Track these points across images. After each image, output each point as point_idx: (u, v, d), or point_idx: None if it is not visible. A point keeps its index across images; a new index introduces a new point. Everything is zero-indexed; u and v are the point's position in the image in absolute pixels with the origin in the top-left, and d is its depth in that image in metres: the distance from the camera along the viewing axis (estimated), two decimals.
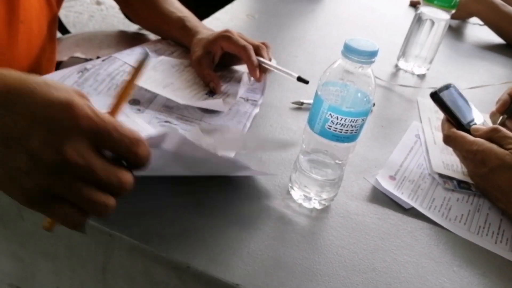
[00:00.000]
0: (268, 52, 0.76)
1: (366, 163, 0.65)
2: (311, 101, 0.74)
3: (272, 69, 0.74)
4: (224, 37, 0.72)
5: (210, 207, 0.53)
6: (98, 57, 1.04)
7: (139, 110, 0.66)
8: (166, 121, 0.65)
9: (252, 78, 0.75)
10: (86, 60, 0.99)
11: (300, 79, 0.72)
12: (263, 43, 0.76)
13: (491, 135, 0.60)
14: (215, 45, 0.73)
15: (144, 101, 0.68)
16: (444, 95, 0.65)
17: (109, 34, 1.34)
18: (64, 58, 1.08)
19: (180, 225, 0.50)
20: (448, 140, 0.63)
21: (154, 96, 0.69)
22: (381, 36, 1.08)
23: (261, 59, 0.73)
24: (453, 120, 0.64)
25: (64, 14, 2.64)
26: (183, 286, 0.47)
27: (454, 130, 0.63)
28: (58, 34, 1.41)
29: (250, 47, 0.72)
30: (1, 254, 0.58)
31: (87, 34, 1.39)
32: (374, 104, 0.77)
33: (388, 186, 0.60)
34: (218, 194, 0.55)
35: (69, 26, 1.62)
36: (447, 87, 0.66)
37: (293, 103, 0.73)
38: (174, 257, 0.46)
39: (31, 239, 0.54)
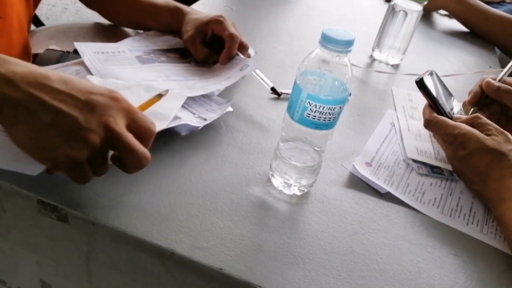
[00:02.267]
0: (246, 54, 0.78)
1: (343, 151, 0.67)
2: (288, 91, 0.76)
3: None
4: (217, 21, 0.74)
5: (192, 195, 0.54)
6: (74, 50, 1.03)
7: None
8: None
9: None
10: (63, 52, 0.98)
11: (273, 90, 0.74)
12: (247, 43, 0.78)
13: (472, 121, 0.63)
14: (208, 26, 0.75)
15: None
16: (428, 82, 0.67)
17: (84, 26, 1.32)
18: (40, 50, 1.06)
19: (163, 213, 0.50)
20: (429, 124, 0.66)
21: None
22: (356, 27, 1.11)
23: (240, 55, 0.75)
24: (435, 107, 0.66)
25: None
26: (167, 272, 0.48)
27: (435, 115, 0.65)
28: (32, 27, 1.39)
29: (237, 39, 0.73)
30: None
31: (61, 27, 1.37)
32: (350, 94, 0.78)
33: (365, 172, 0.62)
34: (200, 181, 0.56)
35: (42, 19, 1.59)
36: (430, 73, 0.69)
37: (271, 93, 0.75)
38: (158, 244, 0.47)
39: (13, 230, 0.54)
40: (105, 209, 0.49)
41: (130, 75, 0.67)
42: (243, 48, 0.75)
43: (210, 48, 0.77)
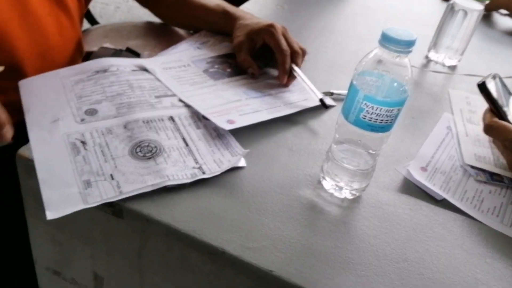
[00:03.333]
0: (302, 59, 0.76)
1: (397, 154, 0.65)
2: (341, 91, 0.75)
3: (300, 80, 0.73)
4: (268, 32, 0.73)
5: (243, 194, 0.54)
6: (127, 48, 1.06)
7: None
8: None
9: None
10: (116, 50, 1.01)
11: (322, 102, 0.69)
12: (302, 49, 0.76)
13: None
14: (258, 35, 0.74)
15: None
16: (491, 86, 0.64)
17: (137, 24, 1.36)
18: (94, 48, 1.10)
19: (214, 211, 0.51)
20: (490, 129, 0.62)
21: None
22: (411, 27, 1.06)
23: (294, 67, 0.73)
24: (497, 112, 0.63)
25: (91, 5, 2.67)
26: (217, 271, 0.48)
27: (497, 120, 0.62)
28: (87, 25, 1.44)
29: (288, 53, 0.72)
30: (41, 238, 0.60)
31: (115, 25, 1.41)
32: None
33: (420, 177, 0.60)
34: (250, 181, 0.56)
35: (96, 17, 1.64)
36: (494, 77, 0.65)
37: (324, 93, 0.73)
38: (209, 242, 0.47)
39: (69, 224, 0.56)
40: (159, 206, 0.50)
41: (214, 99, 0.67)
42: (296, 56, 0.74)
43: (260, 54, 0.77)
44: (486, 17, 1.20)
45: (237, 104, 0.67)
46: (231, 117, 0.63)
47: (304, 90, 0.73)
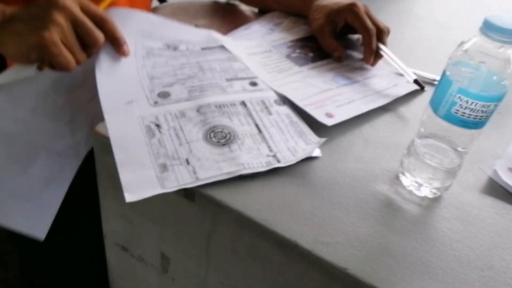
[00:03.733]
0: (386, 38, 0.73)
1: (482, 152, 0.60)
2: (426, 74, 0.71)
3: (388, 60, 0.70)
4: (351, 11, 0.70)
5: (316, 186, 0.52)
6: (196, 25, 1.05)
7: None
8: None
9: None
10: None
11: (417, 82, 0.67)
12: (386, 28, 0.73)
13: None
14: (339, 16, 0.71)
15: None
16: None
17: (204, 4, 1.35)
18: None
19: (287, 202, 0.49)
20: None
21: None
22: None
23: (381, 46, 0.70)
24: None
25: None
26: (288, 263, 0.47)
27: None
28: (156, 3, 1.45)
29: (374, 32, 0.69)
30: (112, 215, 0.61)
31: (183, 4, 1.41)
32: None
33: (508, 179, 0.55)
34: (324, 172, 0.53)
35: None
36: None
37: (414, 85, 0.69)
38: (281, 233, 0.46)
39: (141, 203, 0.56)
40: (232, 192, 0.49)
41: (306, 87, 0.65)
42: (382, 34, 0.71)
43: (340, 35, 0.74)
44: None
45: (330, 93, 0.65)
46: (329, 110, 0.61)
47: (391, 75, 0.70)
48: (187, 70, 0.64)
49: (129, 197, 0.46)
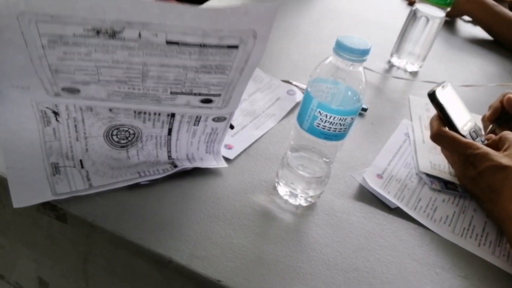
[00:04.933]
0: None
1: (354, 161, 0.65)
2: (302, 85, 0.74)
3: None
4: None
5: (194, 200, 0.52)
6: None
7: None
8: None
9: None
10: None
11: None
12: None
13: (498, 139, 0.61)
14: None
15: None
16: (442, 95, 0.63)
17: None
18: None
19: (163, 217, 0.49)
20: (438, 138, 0.62)
21: None
22: (375, 31, 1.08)
23: None
24: (447, 121, 0.63)
25: None
26: (164, 280, 0.47)
27: (446, 129, 0.62)
28: None
29: None
30: None
31: None
32: (366, 110, 0.76)
33: (375, 185, 0.60)
34: (203, 187, 0.54)
35: None
36: (443, 86, 0.65)
37: (283, 81, 0.71)
38: (156, 251, 0.46)
39: (12, 226, 0.53)
40: (104, 211, 0.48)
41: None
42: None
43: None
44: (449, 24, 1.22)
45: None
46: (226, 141, 0.61)
47: (272, 86, 0.71)
48: (120, 72, 0.44)
49: (17, 202, 0.43)
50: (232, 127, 0.62)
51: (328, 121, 0.47)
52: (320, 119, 0.47)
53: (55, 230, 0.50)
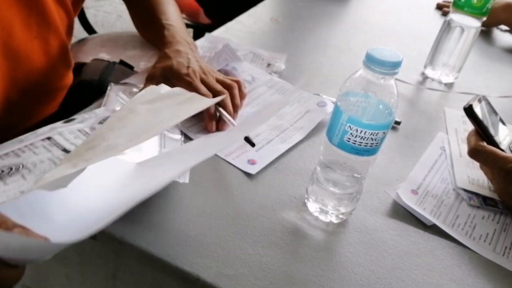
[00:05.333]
0: (235, 94, 0.68)
1: (388, 176, 0.63)
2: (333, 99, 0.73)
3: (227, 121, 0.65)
4: (185, 81, 0.65)
5: (223, 217, 0.52)
6: (121, 61, 1.04)
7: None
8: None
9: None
10: (109, 62, 0.99)
11: (247, 139, 0.61)
12: (231, 84, 0.68)
13: None
14: (174, 84, 0.65)
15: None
16: (478, 109, 0.61)
17: (134, 34, 1.35)
18: (90, 58, 1.09)
19: (191, 234, 0.49)
20: (476, 154, 0.60)
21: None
22: (408, 42, 1.05)
23: (221, 110, 0.65)
24: (484, 135, 0.60)
25: (93, 13, 2.68)
26: None
27: (484, 144, 0.59)
28: (85, 34, 1.43)
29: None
30: None
31: (112, 35, 1.40)
32: (399, 123, 0.74)
33: (410, 201, 0.58)
34: (232, 202, 0.54)
35: (97, 26, 1.64)
36: (480, 100, 0.63)
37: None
38: (184, 268, 0.45)
39: None
40: (133, 228, 0.48)
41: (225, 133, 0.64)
42: (225, 98, 0.65)
43: None
44: (486, 33, 1.18)
45: None
46: (250, 156, 0.61)
47: (301, 99, 0.71)
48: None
49: None
50: (253, 145, 0.61)
51: (359, 136, 0.46)
52: (351, 133, 0.46)
53: (85, 247, 0.50)
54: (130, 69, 1.04)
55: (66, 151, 0.50)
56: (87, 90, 0.91)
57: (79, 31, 1.25)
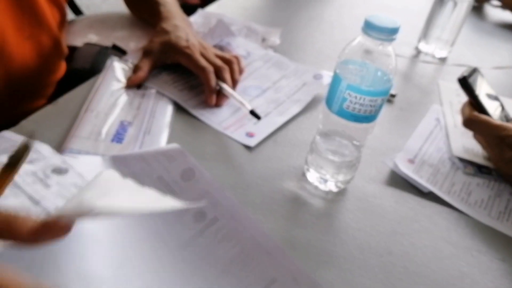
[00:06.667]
0: (235, 69, 0.68)
1: (384, 146, 0.64)
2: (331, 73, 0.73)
3: (229, 95, 0.65)
4: (185, 54, 0.65)
5: (225, 188, 0.52)
6: (114, 45, 1.02)
7: None
8: None
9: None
10: (101, 47, 0.97)
11: (252, 113, 0.62)
12: (231, 59, 0.68)
13: None
14: (173, 58, 0.66)
15: None
16: (472, 80, 0.62)
17: (123, 15, 1.33)
18: (79, 39, 1.07)
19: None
20: (471, 123, 0.61)
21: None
22: (401, 17, 1.05)
23: (222, 84, 0.65)
24: (477, 106, 0.61)
25: None
26: None
27: (477, 113, 0.60)
28: (72, 15, 1.41)
29: (210, 70, 0.64)
30: None
31: (100, 16, 1.38)
32: (395, 96, 0.74)
33: (407, 170, 0.59)
34: (232, 172, 0.54)
35: (82, 8, 1.61)
36: (473, 71, 0.64)
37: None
38: None
39: None
40: None
41: (221, 108, 0.64)
42: (222, 71, 0.65)
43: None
44: (478, 9, 1.19)
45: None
46: (248, 129, 0.61)
47: (297, 72, 0.72)
48: None
49: None
50: (259, 117, 0.61)
51: (358, 103, 0.46)
52: (350, 100, 0.46)
53: None
54: (123, 54, 1.03)
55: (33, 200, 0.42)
56: (77, 80, 0.89)
57: None
